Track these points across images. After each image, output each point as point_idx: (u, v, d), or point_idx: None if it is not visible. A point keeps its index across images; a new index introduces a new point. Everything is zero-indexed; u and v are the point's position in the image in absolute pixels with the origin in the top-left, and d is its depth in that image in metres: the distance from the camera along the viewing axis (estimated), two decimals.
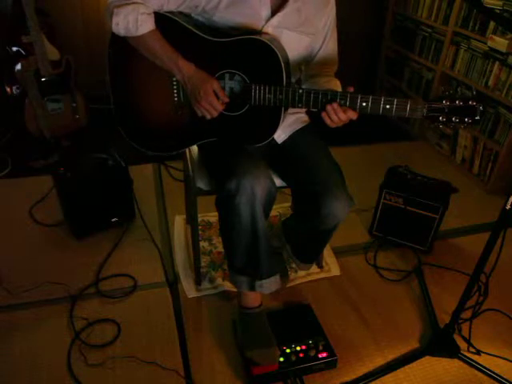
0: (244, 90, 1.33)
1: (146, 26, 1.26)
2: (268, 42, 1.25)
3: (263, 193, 1.30)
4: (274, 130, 1.36)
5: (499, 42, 2.26)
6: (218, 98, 1.30)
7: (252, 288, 1.47)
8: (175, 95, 1.41)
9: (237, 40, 1.28)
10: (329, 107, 1.24)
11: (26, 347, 1.50)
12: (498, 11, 2.29)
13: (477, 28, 2.50)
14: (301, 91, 1.27)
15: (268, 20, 1.33)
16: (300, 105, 1.29)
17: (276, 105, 1.30)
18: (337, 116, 1.24)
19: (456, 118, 1.20)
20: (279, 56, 1.25)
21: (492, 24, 2.37)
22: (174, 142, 1.47)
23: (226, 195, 1.30)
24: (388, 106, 1.22)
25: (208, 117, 1.34)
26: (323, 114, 1.27)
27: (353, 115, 1.25)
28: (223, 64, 1.32)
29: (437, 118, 1.21)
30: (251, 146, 1.41)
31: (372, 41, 3.54)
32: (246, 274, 1.46)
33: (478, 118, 1.18)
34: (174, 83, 1.39)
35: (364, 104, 1.23)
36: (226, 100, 1.32)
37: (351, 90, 1.25)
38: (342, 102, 1.24)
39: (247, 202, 1.28)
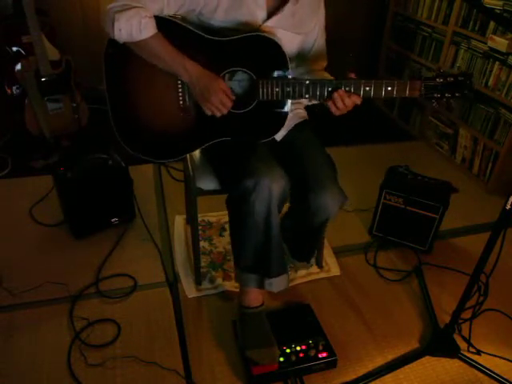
0: (251, 87, 1.34)
1: (149, 29, 1.25)
2: (271, 37, 1.28)
3: (279, 192, 1.31)
4: (282, 123, 1.38)
5: (499, 42, 2.26)
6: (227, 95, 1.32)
7: (261, 286, 1.47)
8: (180, 99, 1.39)
9: (240, 38, 1.30)
10: (335, 94, 1.28)
11: (26, 347, 1.50)
12: (498, 11, 2.29)
13: (477, 28, 2.50)
14: (307, 82, 1.30)
15: (264, 22, 1.36)
16: (307, 95, 1.32)
17: (284, 98, 1.33)
18: (343, 102, 1.29)
19: (448, 94, 1.29)
20: (283, 49, 1.28)
21: (492, 24, 2.37)
22: (182, 146, 1.45)
23: (240, 194, 1.30)
24: (389, 88, 1.29)
25: (218, 114, 1.34)
26: (329, 103, 1.31)
27: (357, 99, 1.30)
28: (228, 62, 1.33)
29: (432, 95, 1.30)
30: (259, 144, 1.42)
31: (372, 41, 3.54)
32: (255, 272, 1.46)
33: (466, 92, 1.28)
34: (179, 87, 1.37)
35: (367, 88, 1.29)
36: (233, 97, 1.33)
37: (352, 75, 1.31)
38: (347, 88, 1.29)
39: (263, 201, 1.29)
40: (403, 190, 1.93)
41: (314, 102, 1.48)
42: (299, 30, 1.44)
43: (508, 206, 1.24)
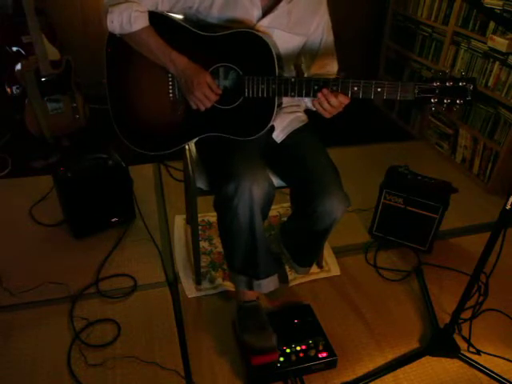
0: (238, 83, 1.35)
1: (140, 22, 1.30)
2: (259, 34, 1.29)
3: (261, 194, 1.30)
4: (268, 121, 1.37)
5: (499, 42, 2.26)
6: (211, 89, 1.32)
7: (250, 287, 1.49)
8: (170, 92, 1.41)
9: (228, 34, 1.31)
10: (319, 94, 1.26)
11: (26, 347, 1.50)
12: (498, 11, 2.29)
13: (477, 28, 2.50)
14: (293, 80, 1.29)
15: (259, 20, 1.37)
16: (293, 93, 1.30)
17: (269, 95, 1.32)
18: (328, 102, 1.25)
19: (447, 99, 1.20)
20: (271, 47, 1.28)
21: (492, 24, 2.37)
22: (171, 139, 1.47)
23: (224, 197, 1.30)
24: (379, 89, 1.23)
25: (202, 108, 1.35)
26: (316, 103, 1.28)
27: (344, 99, 1.26)
28: (216, 58, 1.34)
29: (428, 99, 1.21)
30: (250, 145, 1.42)
31: (372, 41, 3.54)
32: (244, 273, 1.47)
33: (469, 98, 1.19)
34: (170, 80, 1.40)
35: (356, 88, 1.24)
36: (219, 91, 1.33)
37: (341, 75, 1.29)
38: (334, 88, 1.25)
39: (245, 204, 1.29)
40: (403, 190, 1.93)
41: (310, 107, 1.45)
42: (297, 31, 1.42)
43: (508, 206, 1.24)
